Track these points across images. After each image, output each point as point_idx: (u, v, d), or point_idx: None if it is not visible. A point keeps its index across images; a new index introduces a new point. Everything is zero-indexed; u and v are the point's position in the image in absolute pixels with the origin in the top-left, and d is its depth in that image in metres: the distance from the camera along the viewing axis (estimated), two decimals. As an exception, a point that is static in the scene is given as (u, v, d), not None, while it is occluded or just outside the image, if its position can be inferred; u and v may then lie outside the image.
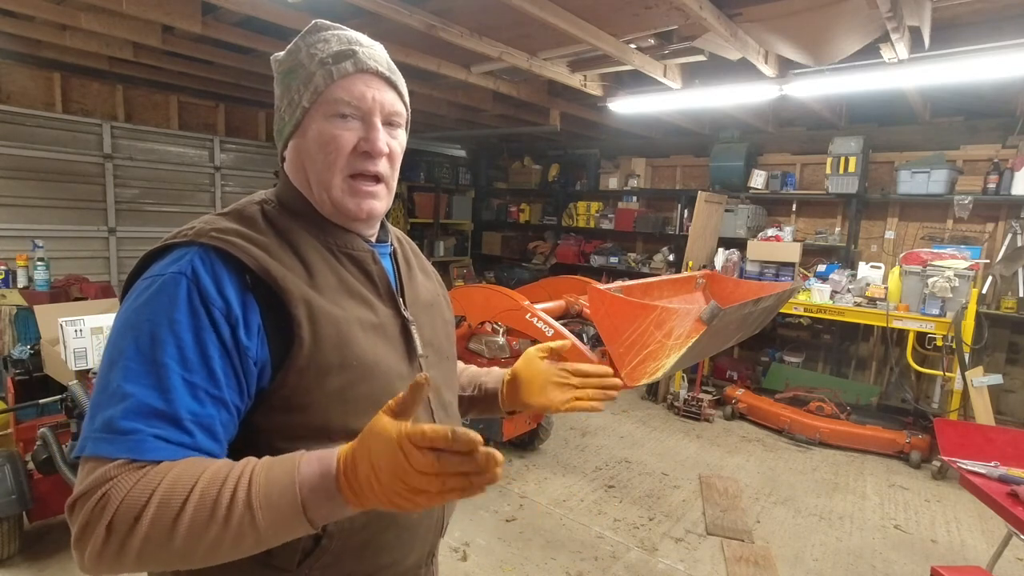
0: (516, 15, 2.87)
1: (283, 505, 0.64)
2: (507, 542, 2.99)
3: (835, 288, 4.84)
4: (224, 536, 0.63)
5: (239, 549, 0.65)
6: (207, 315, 0.72)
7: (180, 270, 0.73)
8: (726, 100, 4.22)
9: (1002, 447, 2.36)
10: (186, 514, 0.63)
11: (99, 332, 2.53)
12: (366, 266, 0.90)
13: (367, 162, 0.85)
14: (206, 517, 0.63)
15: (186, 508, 0.63)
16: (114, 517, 0.63)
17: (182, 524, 0.63)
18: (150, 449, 0.67)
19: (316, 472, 0.65)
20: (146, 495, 0.63)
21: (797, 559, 2.96)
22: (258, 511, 0.63)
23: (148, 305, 0.72)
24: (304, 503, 0.64)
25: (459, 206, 8.32)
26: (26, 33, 3.72)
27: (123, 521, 0.63)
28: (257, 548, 0.66)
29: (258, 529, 0.64)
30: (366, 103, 0.84)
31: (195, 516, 0.63)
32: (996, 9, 3.00)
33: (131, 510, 0.63)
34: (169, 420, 0.68)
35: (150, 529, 0.62)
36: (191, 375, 0.70)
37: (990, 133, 4.67)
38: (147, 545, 0.63)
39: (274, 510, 0.64)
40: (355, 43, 0.86)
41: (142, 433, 0.67)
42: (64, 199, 4.84)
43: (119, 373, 0.69)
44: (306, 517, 0.64)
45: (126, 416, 0.67)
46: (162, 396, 0.68)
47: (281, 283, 0.76)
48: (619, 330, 2.12)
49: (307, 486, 0.64)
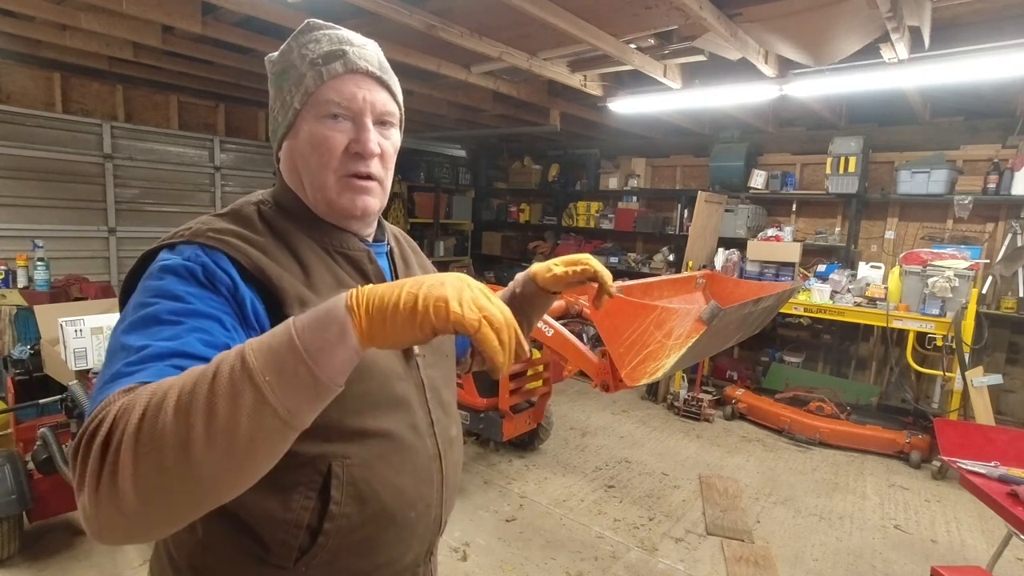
0: (516, 15, 2.87)
1: (276, 343, 0.56)
2: (507, 542, 2.99)
3: (835, 288, 4.84)
4: (216, 401, 0.53)
5: (244, 421, 0.53)
6: (213, 287, 0.73)
7: (185, 258, 0.74)
8: (726, 100, 4.22)
9: (1002, 447, 2.36)
10: (172, 392, 0.55)
11: (99, 332, 2.53)
12: (362, 266, 0.90)
13: (359, 163, 0.85)
14: (191, 385, 0.55)
15: (172, 386, 0.56)
16: (109, 430, 0.55)
17: (168, 403, 0.54)
18: (162, 374, 0.61)
19: (319, 308, 0.59)
20: (138, 398, 0.56)
21: (797, 559, 2.96)
22: (249, 353, 0.55)
23: (156, 283, 0.71)
24: (299, 333, 0.56)
25: (459, 206, 8.32)
26: (26, 33, 3.72)
27: (116, 430, 0.55)
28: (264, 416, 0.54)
29: (252, 375, 0.54)
30: (356, 104, 0.84)
31: (182, 388, 0.55)
32: (996, 9, 3.00)
33: (123, 415, 0.55)
34: (189, 356, 0.65)
35: (139, 423, 0.54)
36: (207, 327, 0.69)
37: (990, 133, 4.67)
38: (139, 447, 0.53)
39: (267, 350, 0.56)
40: (345, 43, 0.85)
41: (156, 365, 0.63)
42: (64, 199, 4.84)
43: (130, 337, 0.66)
44: (303, 349, 0.55)
45: (139, 361, 0.63)
46: (178, 343, 0.65)
47: (277, 282, 0.77)
48: (619, 330, 2.13)
49: (303, 319, 0.58)
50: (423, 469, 0.89)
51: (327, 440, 0.78)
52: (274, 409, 0.54)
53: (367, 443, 0.82)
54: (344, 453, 0.79)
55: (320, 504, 0.79)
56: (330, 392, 0.58)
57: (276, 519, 0.77)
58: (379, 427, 0.83)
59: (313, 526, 0.79)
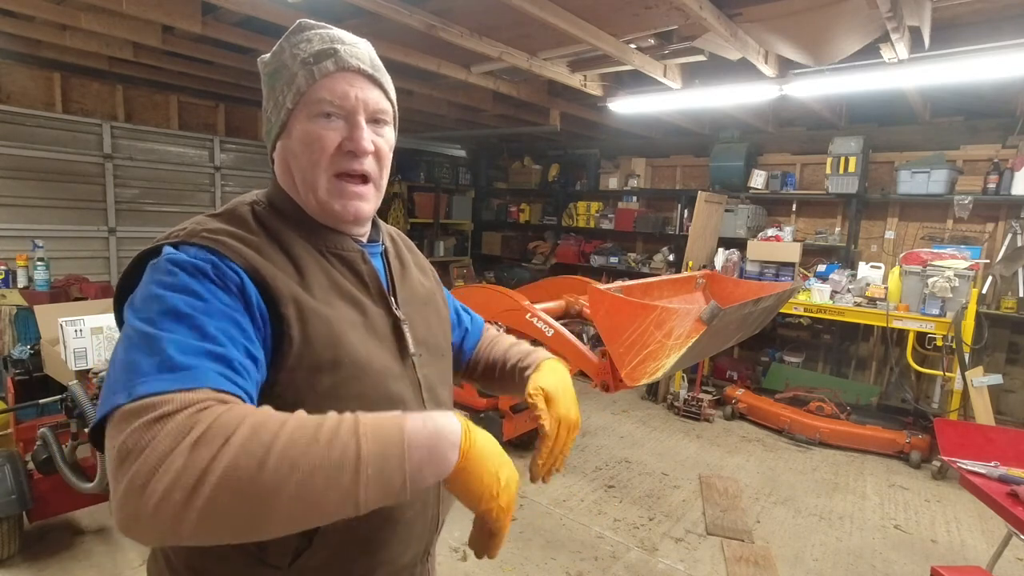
0: (516, 15, 2.87)
1: (390, 438, 0.61)
2: (507, 542, 2.99)
3: (835, 288, 4.84)
4: (321, 467, 0.57)
5: (332, 497, 0.58)
6: (223, 283, 0.72)
7: (188, 255, 0.73)
8: (726, 100, 4.22)
9: (1002, 447, 2.36)
10: (283, 435, 0.58)
11: (99, 332, 2.53)
12: (356, 266, 0.90)
13: (352, 161, 0.84)
14: (307, 440, 0.58)
15: (283, 430, 0.58)
16: (204, 433, 0.56)
17: (279, 443, 0.57)
18: (219, 381, 0.63)
19: (429, 421, 0.66)
20: (238, 419, 0.58)
21: (797, 559, 2.96)
22: (364, 442, 0.60)
23: (166, 276, 0.70)
24: (410, 448, 0.62)
25: (459, 206, 8.32)
26: (26, 33, 3.72)
27: (215, 438, 0.56)
28: (347, 501, 0.59)
29: (360, 462, 0.59)
30: (349, 102, 0.83)
31: (294, 437, 0.58)
32: (996, 9, 3.00)
33: (224, 429, 0.57)
34: (222, 360, 0.65)
35: (236, 458, 0.55)
36: (227, 328, 0.69)
37: (990, 133, 4.67)
38: (237, 464, 0.55)
39: (381, 444, 0.61)
40: (337, 41, 0.85)
41: (203, 368, 0.63)
42: (64, 199, 4.84)
43: (156, 327, 0.65)
44: (408, 464, 0.61)
45: (179, 352, 0.62)
46: (207, 340, 0.65)
47: (271, 282, 0.76)
48: (619, 330, 2.12)
49: (414, 432, 0.64)
50: None
51: None
52: (356, 501, 0.60)
53: None
54: None
55: None
56: (402, 500, 0.64)
57: None
58: None
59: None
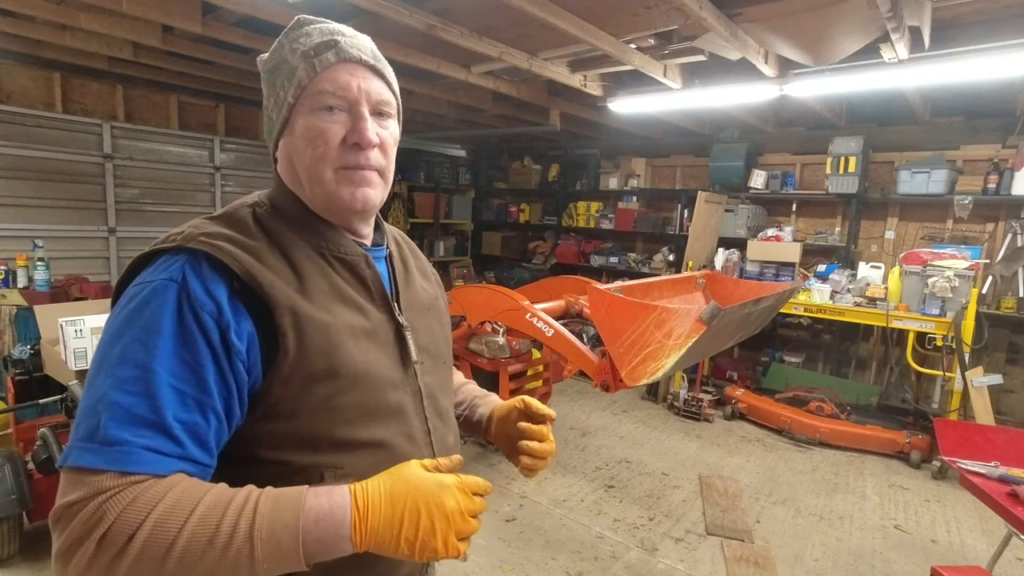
0: (516, 15, 2.87)
1: (284, 541, 0.64)
2: (507, 542, 2.99)
3: (835, 288, 4.84)
4: (218, 568, 0.62)
5: None
6: (196, 321, 0.70)
7: (170, 276, 0.72)
8: (726, 100, 4.22)
9: (1002, 447, 2.36)
10: (182, 538, 0.61)
11: (99, 332, 2.53)
12: (359, 270, 0.88)
13: (358, 154, 0.83)
14: (204, 544, 0.62)
15: (183, 531, 0.61)
16: (107, 532, 0.60)
17: (177, 548, 0.61)
18: (139, 461, 0.64)
19: (324, 507, 0.66)
20: (143, 513, 0.61)
21: (797, 559, 2.96)
22: (258, 546, 0.62)
23: (138, 312, 0.70)
24: (305, 541, 0.64)
25: (459, 206, 8.32)
26: (26, 33, 3.71)
27: (117, 537, 0.60)
28: None
29: (255, 563, 0.62)
30: (352, 93, 0.82)
31: (192, 540, 0.61)
32: (996, 9, 3.00)
33: (127, 527, 0.61)
34: (158, 428, 0.66)
35: (144, 549, 0.60)
36: (180, 383, 0.68)
37: (990, 133, 4.67)
38: (138, 566, 0.60)
39: (274, 545, 0.63)
40: (337, 33, 0.83)
41: (130, 444, 0.64)
42: (64, 199, 4.84)
43: (106, 380, 0.67)
44: (303, 554, 0.64)
45: (113, 424, 0.64)
46: (150, 403, 0.66)
47: (268, 290, 0.74)
48: (619, 330, 2.13)
49: (312, 521, 0.65)
50: None
51: (317, 450, 0.77)
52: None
53: (360, 453, 0.80)
54: (336, 463, 0.78)
55: None
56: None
57: None
58: (372, 437, 0.81)
59: None
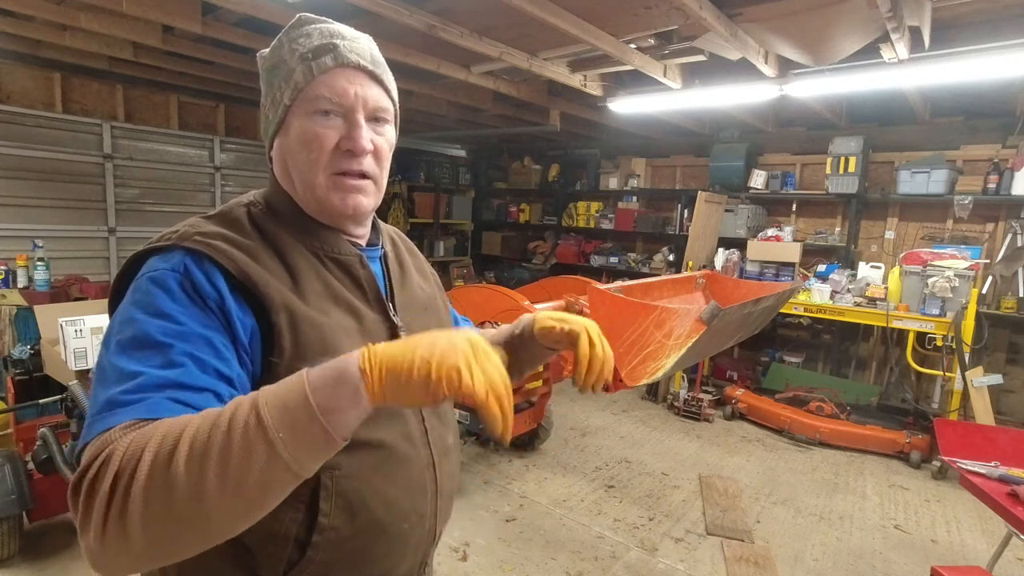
0: (516, 15, 2.87)
1: (291, 399, 0.58)
2: (507, 542, 2.99)
3: (835, 288, 4.84)
4: (230, 453, 0.55)
5: (256, 472, 0.56)
6: (202, 302, 0.71)
7: (172, 267, 0.73)
8: (726, 100, 4.22)
9: (1002, 447, 2.36)
10: (184, 439, 0.56)
11: (99, 332, 2.53)
12: (353, 271, 0.88)
13: (351, 161, 0.82)
14: (205, 435, 0.56)
15: (184, 433, 0.57)
16: (117, 473, 0.56)
17: (181, 451, 0.55)
18: (160, 408, 0.62)
19: (333, 366, 0.61)
20: (146, 440, 0.57)
21: (797, 559, 2.96)
22: (263, 407, 0.57)
23: (145, 296, 0.70)
24: (313, 391, 0.58)
25: (459, 206, 8.32)
26: (26, 33, 3.72)
27: (125, 473, 0.56)
28: (276, 469, 0.57)
29: (266, 432, 0.56)
30: (348, 99, 0.81)
31: (195, 437, 0.56)
32: (996, 9, 3.00)
33: (132, 458, 0.56)
34: (184, 387, 0.65)
35: (151, 470, 0.55)
36: (199, 351, 0.68)
37: (990, 133, 4.67)
38: (150, 494, 0.55)
39: (281, 409, 0.57)
40: (337, 36, 0.83)
41: (153, 397, 0.63)
42: (64, 199, 4.84)
43: (122, 359, 0.65)
44: (316, 409, 0.57)
45: (136, 390, 0.63)
46: (173, 369, 0.65)
47: (263, 289, 0.75)
48: (619, 330, 2.13)
49: (315, 373, 0.60)
50: (416, 479, 0.87)
51: None
52: (286, 464, 0.57)
53: (358, 454, 0.78)
54: (334, 464, 0.75)
55: (308, 517, 0.76)
56: (339, 447, 0.60)
57: (265, 532, 0.74)
58: (370, 437, 0.80)
59: (302, 539, 0.77)
